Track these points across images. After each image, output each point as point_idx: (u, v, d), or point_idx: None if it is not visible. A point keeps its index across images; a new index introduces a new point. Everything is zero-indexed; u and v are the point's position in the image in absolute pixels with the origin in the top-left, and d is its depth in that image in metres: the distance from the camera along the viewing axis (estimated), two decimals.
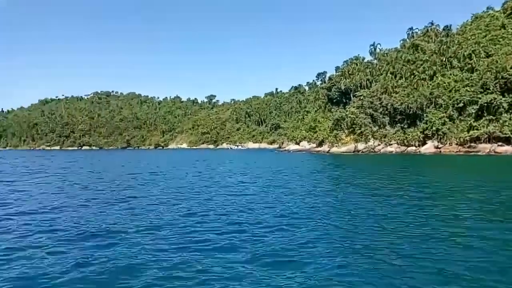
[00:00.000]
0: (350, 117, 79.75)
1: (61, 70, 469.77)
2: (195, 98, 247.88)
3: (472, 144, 63.76)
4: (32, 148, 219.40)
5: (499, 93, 62.80)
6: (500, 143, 60.37)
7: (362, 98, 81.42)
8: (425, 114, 71.62)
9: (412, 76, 79.47)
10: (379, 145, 76.50)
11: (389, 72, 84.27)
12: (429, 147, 69.47)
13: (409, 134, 73.35)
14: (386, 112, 77.04)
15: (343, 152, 76.73)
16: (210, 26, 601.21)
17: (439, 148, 68.28)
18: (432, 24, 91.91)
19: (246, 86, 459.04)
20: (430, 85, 74.04)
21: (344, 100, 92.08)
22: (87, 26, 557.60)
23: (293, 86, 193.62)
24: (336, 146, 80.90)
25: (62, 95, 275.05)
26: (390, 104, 75.77)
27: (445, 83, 71.81)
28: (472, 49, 72.48)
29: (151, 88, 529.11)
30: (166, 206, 15.04)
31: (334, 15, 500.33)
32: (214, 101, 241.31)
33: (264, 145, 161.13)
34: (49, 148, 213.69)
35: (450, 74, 73.97)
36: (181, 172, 34.05)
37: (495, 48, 70.35)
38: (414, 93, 74.22)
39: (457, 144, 66.33)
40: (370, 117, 78.24)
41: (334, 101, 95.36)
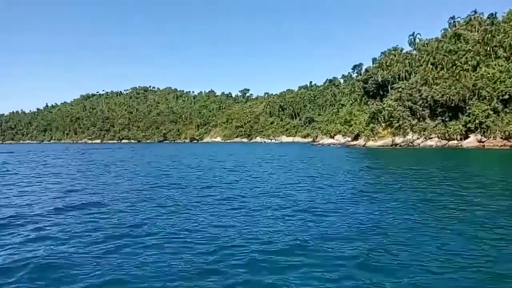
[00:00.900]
0: (387, 110, 77.64)
1: (101, 66, 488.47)
2: (229, 92, 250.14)
3: None
4: (74, 141, 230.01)
5: None
6: None
7: (400, 90, 78.95)
8: (467, 107, 68.52)
9: (454, 66, 76.03)
10: (418, 138, 74.08)
11: (429, 63, 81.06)
12: (471, 141, 66.50)
13: (450, 128, 70.48)
14: (426, 104, 74.34)
15: (380, 146, 75.00)
16: (243, 19, 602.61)
17: (483, 142, 65.18)
18: (475, 12, 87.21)
19: (280, 80, 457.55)
20: (473, 76, 70.56)
21: (381, 92, 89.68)
22: (125, 23, 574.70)
23: (327, 79, 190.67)
24: (372, 139, 79.16)
25: (103, 91, 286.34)
26: (430, 96, 73.02)
27: (489, 74, 68.14)
28: None
29: (187, 83, 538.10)
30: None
31: (370, 6, 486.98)
32: (247, 95, 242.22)
33: (297, 138, 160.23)
34: (90, 141, 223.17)
35: (495, 65, 70.10)
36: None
37: None
38: (456, 84, 71.05)
39: (502, 138, 63.05)
40: (409, 109, 75.83)
41: (371, 93, 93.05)
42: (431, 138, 72.60)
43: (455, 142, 69.18)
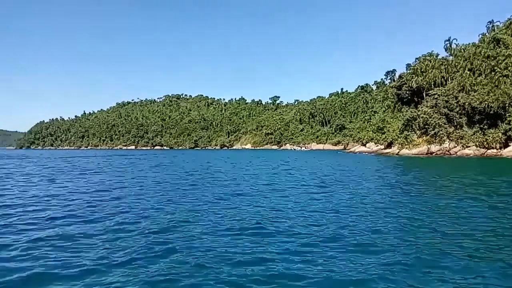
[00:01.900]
0: (422, 117, 75.74)
1: (136, 75, 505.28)
2: (259, 100, 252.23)
3: None
4: (110, 147, 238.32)
5: None
6: None
7: (436, 97, 76.87)
8: (507, 114, 65.78)
9: (492, 72, 73.29)
10: (455, 147, 71.72)
11: (466, 68, 78.57)
12: None
13: (489, 136, 67.81)
14: (463, 111, 71.98)
15: (414, 154, 73.19)
16: (273, 27, 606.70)
17: None
18: None
19: (310, 87, 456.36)
20: None
21: (415, 99, 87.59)
22: (159, 34, 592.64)
23: (359, 86, 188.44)
24: (406, 147, 77.35)
25: (137, 98, 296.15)
26: (467, 103, 70.67)
27: None
28: None
29: (218, 90, 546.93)
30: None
31: (403, 11, 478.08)
32: (278, 102, 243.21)
33: (328, 146, 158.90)
34: (125, 147, 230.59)
35: None
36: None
37: None
38: (495, 91, 68.43)
39: None
40: (445, 117, 73.66)
41: (405, 100, 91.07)
42: (469, 146, 70.11)
43: (494, 150, 66.47)
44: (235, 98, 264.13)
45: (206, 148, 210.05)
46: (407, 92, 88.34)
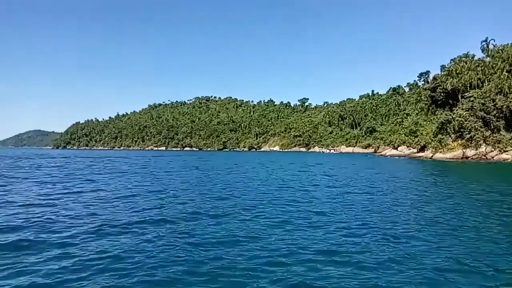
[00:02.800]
0: (457, 120, 73.18)
1: (167, 77, 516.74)
2: (288, 102, 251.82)
3: None
4: (142, 148, 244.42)
5: None
6: None
7: (472, 99, 74.11)
8: None
9: None
10: (492, 151, 68.81)
11: (504, 70, 75.31)
12: None
13: None
14: (501, 115, 69.01)
15: (449, 158, 70.80)
16: (302, 29, 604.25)
17: None
18: None
19: (340, 89, 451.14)
20: None
21: (450, 101, 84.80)
22: (191, 39, 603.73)
23: (391, 88, 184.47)
24: (440, 151, 74.92)
25: (168, 101, 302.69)
26: (506, 106, 67.73)
27: None
28: None
29: (247, 92, 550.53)
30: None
31: (437, 11, 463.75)
32: (306, 104, 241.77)
33: (358, 149, 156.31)
34: (156, 148, 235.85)
35: None
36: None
37: None
38: None
39: None
40: (481, 120, 70.83)
41: (439, 102, 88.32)
42: (507, 151, 67.10)
43: None
44: (264, 100, 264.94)
45: (234, 149, 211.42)
46: (442, 94, 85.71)
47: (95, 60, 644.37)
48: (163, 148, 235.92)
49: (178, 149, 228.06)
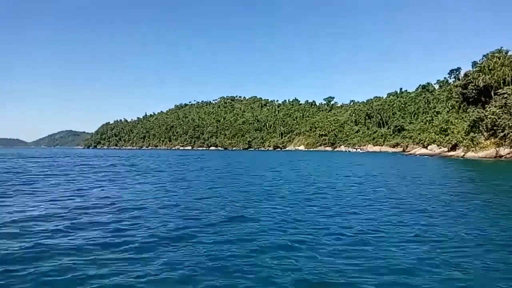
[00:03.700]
0: (490, 118, 70.33)
1: (194, 78, 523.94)
2: (313, 101, 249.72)
3: None
4: (169, 147, 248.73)
5: None
6: None
7: (506, 96, 71.00)
8: None
9: None
10: None
11: None
12: None
13: None
14: None
15: (481, 157, 68.14)
16: (326, 25, 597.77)
17: None
18: None
19: (366, 87, 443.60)
20: None
21: (482, 99, 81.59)
22: (216, 39, 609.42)
23: (420, 85, 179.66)
24: (472, 150, 72.22)
25: (194, 101, 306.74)
26: None
27: None
28: None
29: (272, 92, 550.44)
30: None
31: (467, 9, 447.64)
32: (332, 103, 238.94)
33: (385, 148, 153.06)
34: (182, 148, 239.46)
35: None
36: None
37: None
38: None
39: None
40: None
41: (471, 100, 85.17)
42: None
43: None
44: (289, 99, 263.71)
45: (259, 149, 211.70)
46: (473, 91, 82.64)
47: (124, 62, 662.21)
48: (189, 147, 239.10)
49: (204, 148, 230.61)
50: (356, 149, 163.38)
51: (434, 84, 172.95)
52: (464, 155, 72.34)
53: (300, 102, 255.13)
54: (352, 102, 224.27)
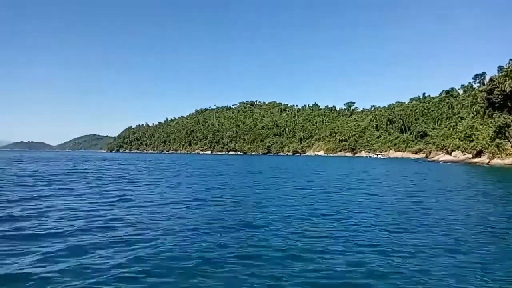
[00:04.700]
0: None
1: (213, 82, 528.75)
2: (333, 106, 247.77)
3: None
4: (189, 152, 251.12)
5: None
6: None
7: None
8: None
9: None
10: None
11: None
12: None
13: None
14: None
15: (508, 164, 65.79)
16: (347, 28, 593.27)
17: None
18: None
19: (388, 92, 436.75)
20: None
21: (509, 104, 78.97)
22: (236, 44, 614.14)
23: (444, 90, 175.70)
24: (498, 157, 69.88)
25: (214, 105, 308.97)
26: None
27: None
28: None
29: (292, 97, 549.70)
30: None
31: (492, 10, 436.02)
32: (353, 108, 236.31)
33: (407, 154, 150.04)
34: (202, 152, 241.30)
35: None
36: None
37: None
38: None
39: None
40: None
41: (496, 105, 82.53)
42: None
43: None
44: (309, 105, 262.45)
45: (278, 154, 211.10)
46: (499, 96, 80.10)
47: (145, 68, 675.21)
48: (209, 152, 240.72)
49: (223, 153, 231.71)
50: (377, 155, 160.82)
51: (458, 89, 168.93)
52: (489, 162, 70.10)
53: (320, 107, 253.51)
54: (373, 107, 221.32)
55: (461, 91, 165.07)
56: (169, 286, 6.78)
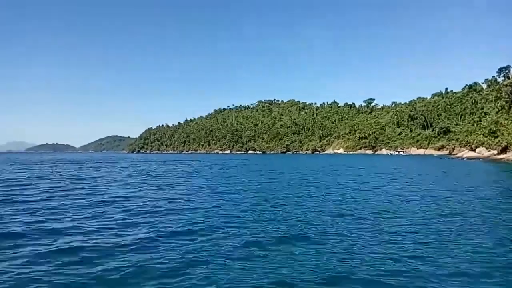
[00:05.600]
0: None
1: (232, 83, 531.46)
2: (353, 103, 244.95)
3: None
4: (208, 152, 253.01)
5: None
6: None
7: None
8: None
9: None
10: None
11: None
12: None
13: None
14: None
15: None
16: (364, 25, 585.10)
17: None
18: None
19: (409, 87, 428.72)
20: None
21: None
22: (252, 41, 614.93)
23: (467, 85, 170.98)
24: None
25: (233, 105, 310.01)
26: None
27: None
28: None
29: (310, 95, 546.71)
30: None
31: None
32: (372, 104, 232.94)
33: (430, 151, 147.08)
34: (221, 152, 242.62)
35: None
36: None
37: None
38: None
39: None
40: None
41: None
42: None
43: None
44: (327, 102, 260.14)
45: (297, 152, 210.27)
46: None
47: (164, 71, 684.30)
48: (228, 151, 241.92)
49: (242, 152, 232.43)
50: (398, 152, 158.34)
51: (482, 83, 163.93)
52: None
53: (339, 105, 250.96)
54: (393, 104, 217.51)
55: (484, 86, 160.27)
56: None
